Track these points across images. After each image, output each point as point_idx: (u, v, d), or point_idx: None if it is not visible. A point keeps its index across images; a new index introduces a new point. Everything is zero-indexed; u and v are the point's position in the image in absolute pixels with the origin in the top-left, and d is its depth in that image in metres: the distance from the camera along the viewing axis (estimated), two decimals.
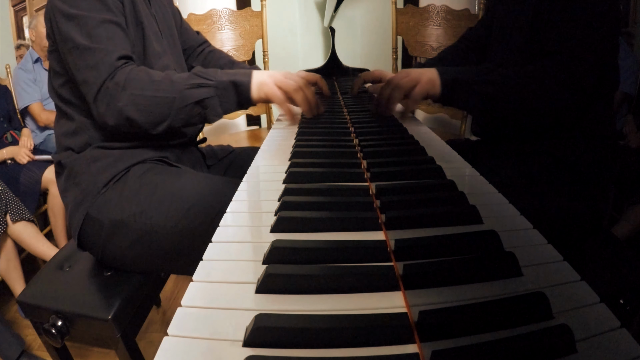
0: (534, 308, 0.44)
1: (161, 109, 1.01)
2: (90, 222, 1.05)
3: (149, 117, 1.01)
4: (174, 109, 1.02)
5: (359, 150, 0.95)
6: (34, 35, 2.98)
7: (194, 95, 1.02)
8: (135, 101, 0.99)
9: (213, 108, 1.05)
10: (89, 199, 1.06)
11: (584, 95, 1.02)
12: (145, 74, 1.02)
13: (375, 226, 0.63)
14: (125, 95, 0.99)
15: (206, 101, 1.04)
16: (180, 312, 0.46)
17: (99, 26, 1.00)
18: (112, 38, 1.02)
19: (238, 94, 1.08)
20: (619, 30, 1.08)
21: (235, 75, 1.08)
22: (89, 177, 1.08)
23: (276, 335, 0.41)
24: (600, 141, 1.12)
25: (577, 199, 1.09)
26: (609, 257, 1.12)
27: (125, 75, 0.99)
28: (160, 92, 1.01)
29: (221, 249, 0.59)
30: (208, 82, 1.04)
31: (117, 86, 0.99)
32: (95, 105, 1.01)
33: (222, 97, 1.06)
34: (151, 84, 1.01)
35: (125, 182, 1.07)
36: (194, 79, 1.04)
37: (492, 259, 0.53)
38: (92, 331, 1.06)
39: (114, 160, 1.09)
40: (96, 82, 0.99)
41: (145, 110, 1.00)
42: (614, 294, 0.99)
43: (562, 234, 0.77)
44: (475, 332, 0.42)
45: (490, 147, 1.28)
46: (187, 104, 1.02)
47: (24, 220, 2.12)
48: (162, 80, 1.02)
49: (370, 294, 0.49)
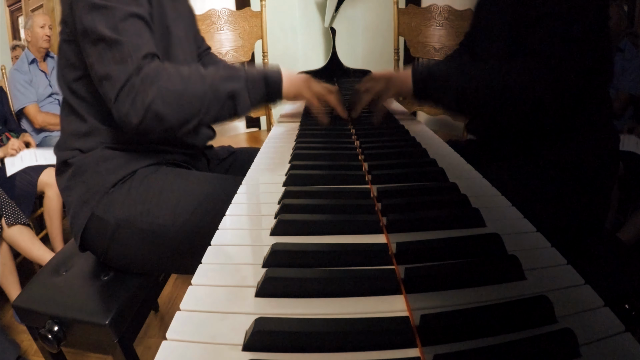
0: (537, 312, 0.44)
1: (193, 104, 0.99)
2: (95, 222, 1.05)
3: (180, 113, 0.98)
4: (206, 103, 1.00)
5: (360, 152, 0.96)
6: (29, 36, 2.98)
7: (226, 88, 1.02)
8: (164, 96, 0.95)
9: (243, 101, 1.05)
10: (96, 198, 1.05)
11: (564, 93, 1.00)
12: (173, 68, 1.00)
13: (376, 229, 0.63)
14: (154, 90, 0.94)
15: (237, 94, 1.03)
16: (179, 316, 0.47)
17: (126, 19, 0.96)
18: (139, 34, 0.98)
19: (268, 87, 1.09)
20: (605, 26, 1.07)
21: (266, 71, 1.10)
22: (97, 176, 1.06)
23: (276, 339, 0.42)
24: (599, 141, 1.12)
25: (578, 200, 1.09)
26: (613, 261, 1.12)
27: (154, 70, 0.96)
28: (191, 86, 0.99)
29: (220, 252, 0.59)
30: (238, 75, 1.05)
31: (144, 81, 0.94)
32: (117, 103, 0.96)
33: (252, 89, 1.06)
34: (181, 79, 0.98)
35: (132, 182, 1.06)
36: (223, 72, 1.04)
37: (494, 262, 0.53)
38: (89, 336, 1.06)
39: (124, 162, 1.09)
40: (120, 78, 0.94)
41: (175, 105, 0.97)
42: (618, 298, 0.99)
43: (565, 237, 0.77)
44: (478, 336, 0.42)
45: (491, 149, 1.28)
46: (219, 98, 1.01)
47: (20, 224, 2.11)
48: (191, 74, 1.00)
49: (372, 297, 0.49)
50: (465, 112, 1.21)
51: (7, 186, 2.31)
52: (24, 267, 2.31)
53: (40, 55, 3.02)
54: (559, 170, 1.10)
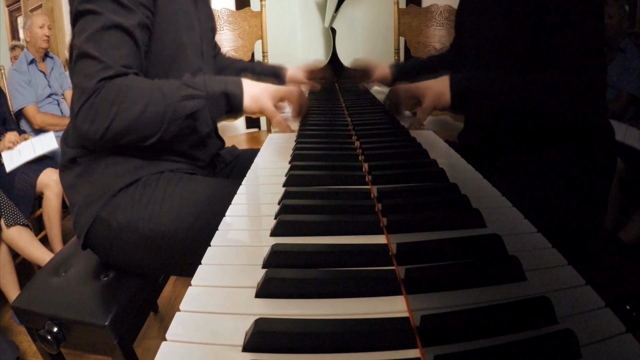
0: (537, 312, 0.44)
1: (152, 123, 0.99)
2: (99, 223, 1.05)
3: (138, 132, 0.99)
4: (165, 123, 1.00)
5: (360, 152, 0.96)
6: (28, 36, 2.98)
7: (185, 108, 1.01)
8: (123, 117, 0.96)
9: (204, 120, 1.05)
10: (102, 200, 1.05)
11: (593, 103, 1.03)
12: (136, 87, 0.97)
13: (376, 230, 0.63)
14: (113, 111, 0.95)
15: (197, 113, 1.03)
16: (179, 316, 0.47)
17: (106, 31, 0.95)
18: (115, 47, 0.96)
19: (229, 105, 1.08)
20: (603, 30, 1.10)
21: (227, 85, 1.07)
22: (105, 179, 1.07)
23: (276, 340, 0.42)
24: (597, 140, 1.13)
25: (577, 200, 1.09)
26: (614, 261, 1.12)
27: (116, 89, 0.95)
28: (152, 107, 0.98)
29: (220, 253, 0.60)
30: (199, 94, 1.03)
31: (104, 101, 0.94)
32: (78, 119, 0.96)
33: (213, 108, 1.05)
34: (141, 98, 0.97)
35: (136, 187, 1.07)
36: (184, 90, 1.02)
37: (495, 263, 0.53)
38: (88, 338, 1.06)
39: (133, 168, 1.09)
40: (83, 93, 0.94)
41: (134, 125, 0.97)
42: (619, 299, 0.99)
43: (566, 237, 0.78)
44: (478, 337, 0.42)
45: (492, 150, 1.28)
46: (178, 117, 1.00)
47: (19, 225, 2.12)
48: (153, 92, 0.99)
49: (372, 298, 0.49)
50: (501, 124, 1.19)
51: (6, 187, 2.31)
52: (23, 268, 2.31)
53: (39, 55, 3.02)
54: (558, 170, 1.10)
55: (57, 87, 3.11)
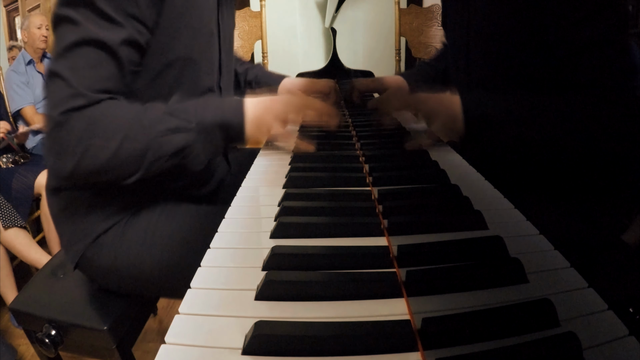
0: (540, 315, 0.44)
1: (129, 163, 0.83)
2: (85, 261, 1.01)
3: (114, 172, 0.84)
4: (146, 163, 0.83)
5: (360, 154, 0.96)
6: (26, 36, 2.99)
7: (171, 144, 0.84)
8: (95, 155, 0.80)
9: (195, 157, 0.88)
10: (84, 242, 0.99)
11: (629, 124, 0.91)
12: (110, 118, 0.82)
13: (377, 232, 0.63)
14: (81, 149, 0.79)
15: (186, 150, 0.86)
16: (178, 319, 0.47)
17: (83, 47, 0.80)
18: (93, 67, 0.81)
19: (227, 137, 0.91)
20: None
21: (223, 112, 0.90)
22: (87, 222, 0.98)
23: (276, 343, 0.42)
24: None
25: (581, 201, 1.09)
26: (618, 263, 1.12)
27: (84, 124, 0.79)
28: (129, 142, 0.81)
29: (220, 256, 0.60)
30: (187, 126, 0.85)
31: (70, 137, 0.79)
32: (45, 150, 0.84)
33: (206, 142, 0.88)
34: (117, 132, 0.81)
35: (118, 229, 0.99)
36: (169, 121, 0.84)
37: (497, 265, 0.53)
38: (87, 341, 1.06)
39: (116, 211, 0.98)
40: (49, 121, 0.81)
41: (108, 164, 0.82)
42: (622, 302, 0.99)
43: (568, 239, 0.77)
44: (480, 340, 0.42)
45: (494, 151, 1.28)
46: (162, 155, 0.84)
47: (16, 227, 2.12)
48: (131, 125, 0.82)
49: (372, 300, 0.49)
50: (525, 160, 1.06)
51: (3, 188, 2.32)
52: (20, 271, 2.31)
53: (37, 56, 3.02)
54: (561, 172, 1.10)
55: None
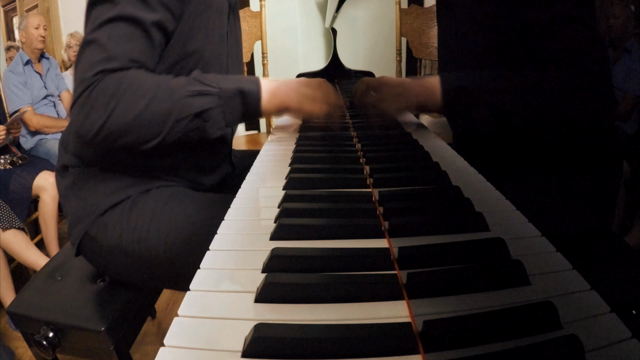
0: (541, 318, 0.44)
1: (154, 123, 0.89)
2: (88, 241, 1.04)
3: (137, 133, 0.89)
4: (170, 123, 0.89)
5: (361, 155, 0.96)
6: (24, 36, 2.99)
7: (194, 106, 0.90)
8: (121, 114, 0.86)
9: (215, 120, 0.93)
10: (90, 217, 1.02)
11: (605, 100, 0.98)
12: (139, 81, 0.89)
13: (378, 233, 0.63)
14: (110, 107, 0.86)
15: (208, 112, 0.92)
16: (177, 322, 0.47)
17: (120, 21, 0.88)
18: (128, 39, 0.89)
19: (245, 104, 0.97)
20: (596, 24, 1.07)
21: (242, 82, 0.97)
22: (94, 196, 1.03)
23: (276, 346, 0.42)
24: (603, 142, 1.12)
25: (583, 203, 1.09)
26: (620, 265, 1.12)
27: (115, 83, 0.86)
28: (155, 103, 0.88)
29: (219, 258, 0.60)
30: (210, 90, 0.92)
31: (102, 95, 0.85)
32: (73, 112, 0.89)
33: (227, 107, 0.94)
34: (144, 94, 0.88)
35: (125, 207, 1.03)
36: (193, 85, 0.91)
37: (498, 267, 0.53)
38: (84, 343, 1.06)
39: (122, 186, 1.03)
40: (81, 84, 0.86)
41: (133, 124, 0.88)
42: (625, 304, 0.99)
43: (570, 241, 0.77)
44: (481, 343, 0.42)
45: (495, 152, 1.28)
46: (185, 116, 0.90)
47: (14, 229, 2.12)
48: (158, 88, 0.89)
49: (373, 303, 0.49)
50: (501, 129, 1.11)
51: (1, 189, 2.32)
52: (18, 273, 2.31)
53: (34, 56, 3.03)
54: (563, 173, 1.10)
55: (53, 89, 3.12)
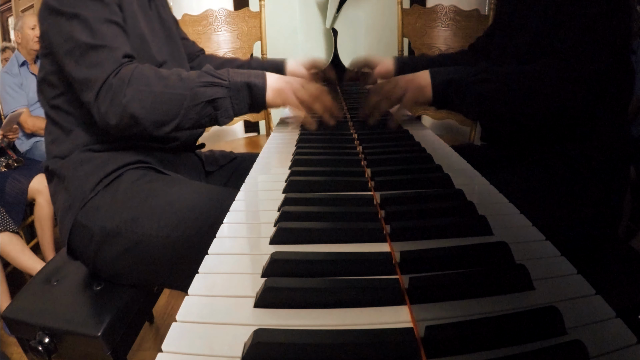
0: (546, 323, 0.44)
1: (170, 107, 1.01)
2: (79, 229, 1.05)
3: (156, 115, 1.01)
4: (184, 108, 1.02)
5: (362, 157, 0.96)
6: (19, 37, 2.99)
7: (206, 94, 1.03)
8: (141, 97, 0.99)
9: (225, 109, 1.06)
10: (77, 204, 1.06)
11: (587, 96, 1.02)
12: (152, 70, 1.03)
13: (379, 237, 0.63)
14: (131, 91, 0.98)
15: (218, 101, 1.05)
16: (176, 327, 0.47)
17: (103, 24, 1.01)
18: (116, 36, 1.03)
19: (252, 97, 1.09)
20: (628, 32, 1.08)
21: (249, 77, 1.09)
22: (76, 181, 1.08)
23: (276, 352, 0.42)
24: (612, 148, 1.12)
25: (588, 207, 1.09)
26: (626, 270, 1.12)
27: (131, 71, 0.99)
28: (170, 89, 1.01)
29: (218, 262, 0.60)
30: (221, 82, 1.05)
31: (121, 81, 0.98)
32: (97, 103, 1.00)
33: (235, 98, 1.07)
34: (159, 80, 1.01)
35: (117, 189, 1.07)
36: (205, 77, 1.05)
37: (502, 271, 0.53)
38: (81, 348, 1.06)
39: (101, 163, 1.10)
40: (99, 79, 0.98)
41: (151, 107, 1.00)
42: (631, 309, 0.99)
43: (575, 245, 0.77)
44: (485, 349, 0.42)
45: (499, 154, 1.28)
46: (198, 103, 1.03)
47: (9, 232, 2.12)
48: (170, 76, 1.03)
49: (375, 308, 0.49)
50: (487, 118, 1.19)
51: None
52: (13, 277, 2.31)
53: (30, 57, 3.03)
54: (568, 177, 1.10)
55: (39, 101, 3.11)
